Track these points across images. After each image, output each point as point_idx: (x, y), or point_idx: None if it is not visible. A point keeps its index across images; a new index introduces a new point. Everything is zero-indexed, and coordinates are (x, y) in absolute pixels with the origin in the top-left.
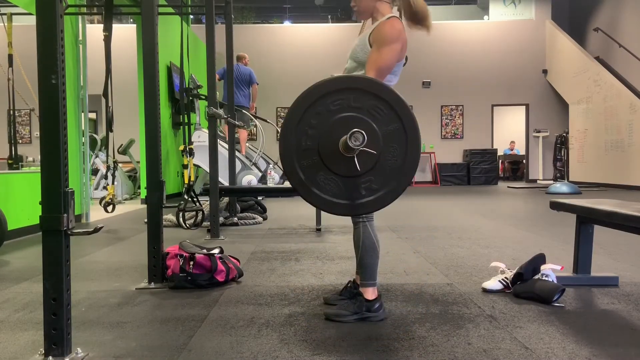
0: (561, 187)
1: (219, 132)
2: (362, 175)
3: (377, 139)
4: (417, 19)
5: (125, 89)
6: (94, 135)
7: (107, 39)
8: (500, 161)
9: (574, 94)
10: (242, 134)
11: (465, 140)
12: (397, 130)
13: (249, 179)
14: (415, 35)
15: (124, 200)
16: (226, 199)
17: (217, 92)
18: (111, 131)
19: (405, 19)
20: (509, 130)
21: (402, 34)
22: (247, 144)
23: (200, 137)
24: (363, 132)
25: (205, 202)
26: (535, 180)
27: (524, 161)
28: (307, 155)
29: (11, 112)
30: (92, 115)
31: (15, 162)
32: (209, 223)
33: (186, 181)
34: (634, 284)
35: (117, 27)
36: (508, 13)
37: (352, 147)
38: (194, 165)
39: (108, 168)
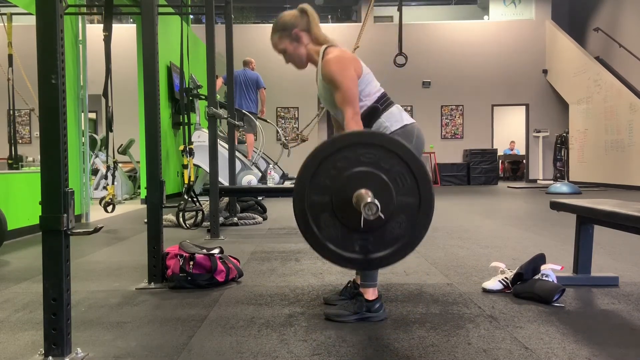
0: (561, 187)
1: (219, 132)
2: (362, 232)
3: (391, 205)
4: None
5: (125, 89)
6: (94, 135)
7: (107, 39)
8: (500, 161)
9: (574, 94)
10: (249, 139)
11: (465, 140)
12: (412, 205)
13: (249, 179)
14: (415, 35)
15: (124, 200)
16: (226, 199)
17: (218, 95)
18: (111, 131)
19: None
20: (509, 130)
21: (343, 60)
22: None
23: (200, 137)
24: (378, 204)
25: (205, 202)
26: (535, 180)
27: (524, 161)
28: (320, 192)
29: (11, 112)
30: (92, 115)
31: (15, 162)
32: (209, 223)
33: (186, 181)
34: (634, 284)
35: (117, 27)
36: (508, 13)
37: (364, 216)
38: (194, 165)
39: (108, 168)
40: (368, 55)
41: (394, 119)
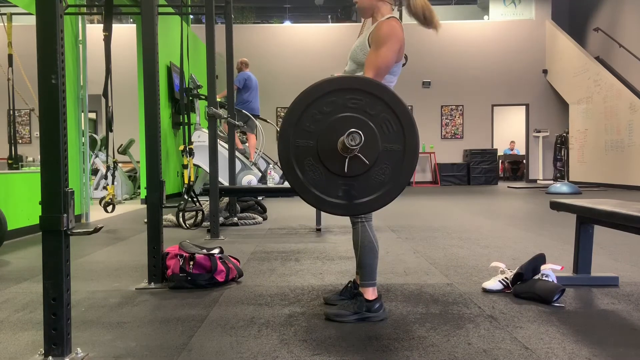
0: (561, 187)
1: (219, 132)
2: (346, 177)
3: (375, 152)
4: (421, 21)
5: (125, 89)
6: (94, 135)
7: (107, 39)
8: (500, 161)
9: (574, 94)
10: (252, 140)
11: (465, 140)
12: (397, 152)
13: (249, 179)
14: (415, 35)
15: (124, 200)
16: (226, 199)
17: (220, 98)
18: (111, 131)
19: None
20: (509, 130)
21: (399, 34)
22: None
23: (200, 137)
24: (361, 134)
25: (205, 202)
26: (535, 180)
27: (524, 161)
28: (305, 136)
29: (11, 112)
30: (92, 115)
31: (15, 162)
32: (209, 223)
33: (186, 181)
34: (634, 284)
35: (117, 27)
36: (508, 13)
37: (347, 146)
38: (194, 165)
39: (108, 168)
40: None
41: None
